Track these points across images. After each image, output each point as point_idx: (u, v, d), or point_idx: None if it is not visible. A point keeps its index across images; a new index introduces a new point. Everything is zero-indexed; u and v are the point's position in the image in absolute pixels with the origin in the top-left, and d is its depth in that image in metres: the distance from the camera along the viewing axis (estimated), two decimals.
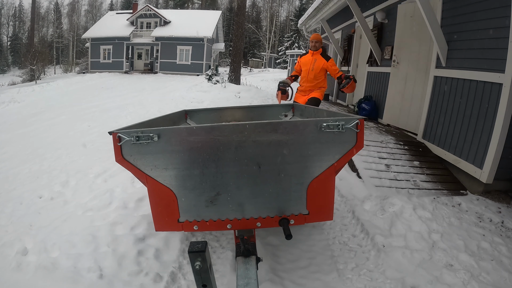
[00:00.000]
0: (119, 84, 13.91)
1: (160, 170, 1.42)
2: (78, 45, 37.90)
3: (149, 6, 23.36)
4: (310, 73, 3.71)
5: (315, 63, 3.66)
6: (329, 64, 3.66)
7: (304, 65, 3.76)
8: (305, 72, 3.74)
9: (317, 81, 3.72)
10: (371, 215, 2.35)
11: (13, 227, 2.17)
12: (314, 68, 3.67)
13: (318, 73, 3.68)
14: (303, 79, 3.79)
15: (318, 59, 3.67)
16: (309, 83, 3.74)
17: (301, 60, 3.85)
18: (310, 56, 3.75)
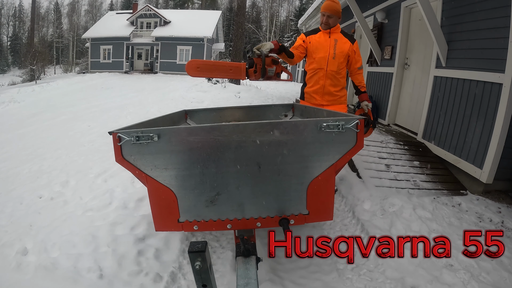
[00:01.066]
0: (119, 84, 13.91)
1: (160, 170, 1.42)
2: (78, 45, 37.89)
3: (149, 6, 23.36)
4: (332, 62, 2.40)
5: (337, 46, 2.40)
6: (355, 48, 2.45)
7: (319, 50, 2.42)
8: (321, 61, 2.41)
9: (340, 77, 2.47)
10: (371, 215, 2.35)
11: (13, 227, 2.17)
12: (337, 55, 2.39)
13: (341, 63, 2.43)
14: (316, 72, 2.46)
15: (340, 39, 2.42)
16: (329, 80, 2.43)
17: (312, 40, 2.46)
18: (327, 35, 2.42)
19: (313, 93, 2.52)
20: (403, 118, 4.52)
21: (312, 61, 2.47)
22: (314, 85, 2.49)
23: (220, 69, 2.29)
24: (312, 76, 2.49)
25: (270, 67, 2.22)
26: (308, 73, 2.54)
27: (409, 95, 4.37)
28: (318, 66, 2.43)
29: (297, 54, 2.44)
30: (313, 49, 2.44)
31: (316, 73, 2.45)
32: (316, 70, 2.45)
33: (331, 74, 2.42)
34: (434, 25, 3.21)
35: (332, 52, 2.39)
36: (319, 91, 2.48)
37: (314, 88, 2.50)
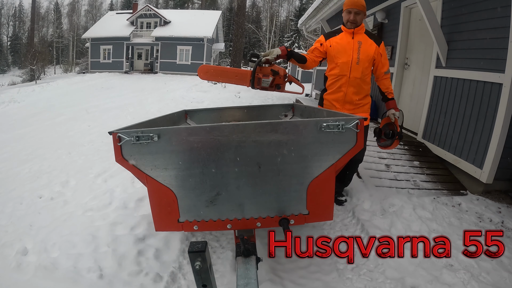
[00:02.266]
0: (119, 84, 13.91)
1: (160, 170, 1.42)
2: (78, 45, 37.90)
3: (149, 6, 23.36)
4: (355, 68, 2.18)
5: (361, 49, 2.17)
6: (381, 51, 2.23)
7: (341, 54, 2.20)
8: (344, 67, 2.20)
9: (364, 84, 2.25)
10: (371, 215, 2.35)
11: (13, 227, 2.17)
12: (362, 59, 2.18)
13: (366, 68, 2.21)
14: (337, 79, 2.24)
15: (365, 41, 2.20)
16: (352, 87, 2.22)
17: (333, 43, 2.23)
18: (350, 37, 2.20)
19: (333, 101, 2.30)
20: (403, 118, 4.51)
21: (334, 67, 2.24)
22: (335, 92, 2.26)
23: (228, 75, 2.38)
24: (333, 83, 2.27)
25: (266, 77, 2.15)
26: (329, 78, 2.31)
27: (409, 95, 4.37)
28: (340, 73, 2.20)
29: (311, 59, 2.26)
30: (334, 53, 2.21)
31: (338, 79, 2.23)
32: (338, 77, 2.23)
33: (355, 81, 2.19)
34: (434, 25, 3.21)
35: (356, 56, 2.15)
36: (340, 99, 2.26)
37: (335, 96, 2.27)
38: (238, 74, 2.32)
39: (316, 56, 2.29)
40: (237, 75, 2.31)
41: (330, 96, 2.33)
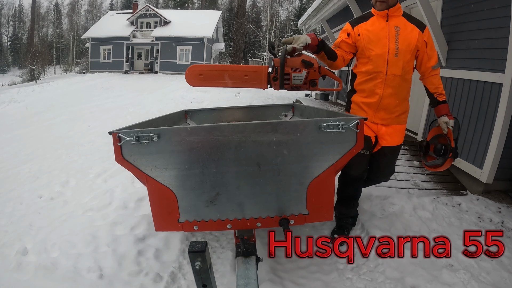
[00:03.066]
0: (119, 84, 13.91)
1: (160, 170, 1.42)
2: (78, 45, 37.90)
3: (149, 6, 23.37)
4: (394, 62, 1.71)
5: (399, 37, 1.70)
6: (426, 38, 1.74)
7: (374, 44, 1.73)
8: (378, 61, 1.73)
9: (406, 84, 1.80)
10: (371, 215, 2.35)
11: (13, 227, 2.17)
12: (402, 50, 1.70)
13: (408, 62, 1.74)
14: (370, 78, 1.78)
15: (404, 26, 1.72)
16: (390, 88, 1.75)
17: (362, 30, 1.77)
18: (383, 21, 1.72)
19: (364, 105, 1.83)
20: None
21: (365, 62, 1.76)
22: (368, 96, 1.79)
23: (232, 75, 1.77)
24: (364, 82, 1.80)
25: (297, 71, 1.65)
26: (358, 77, 1.83)
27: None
28: (374, 69, 1.73)
29: (341, 55, 1.78)
30: (365, 44, 1.73)
31: (371, 78, 1.75)
32: (370, 75, 1.75)
33: (394, 80, 1.71)
34: (434, 25, 3.21)
35: (393, 46, 1.66)
36: (373, 104, 1.79)
37: (368, 101, 1.80)
38: (249, 72, 1.75)
39: (345, 52, 1.80)
40: (247, 75, 1.75)
41: (360, 99, 1.85)
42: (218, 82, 1.79)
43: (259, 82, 1.76)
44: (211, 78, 1.79)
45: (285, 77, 1.69)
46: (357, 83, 1.86)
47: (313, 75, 1.72)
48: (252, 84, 1.77)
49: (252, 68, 1.80)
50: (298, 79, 1.71)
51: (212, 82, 1.79)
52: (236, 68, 1.83)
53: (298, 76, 1.70)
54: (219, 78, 1.78)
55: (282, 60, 1.65)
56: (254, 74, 1.76)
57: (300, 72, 1.69)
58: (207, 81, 1.79)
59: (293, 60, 1.70)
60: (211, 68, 1.89)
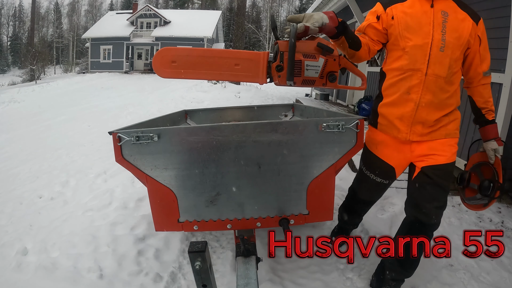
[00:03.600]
0: (119, 84, 13.91)
1: (160, 170, 1.42)
2: (78, 45, 37.90)
3: (149, 6, 23.38)
4: (438, 57, 1.27)
5: (447, 25, 1.26)
6: (480, 33, 1.31)
7: (413, 31, 1.29)
8: (417, 54, 1.29)
9: (452, 88, 1.33)
10: (371, 215, 2.35)
11: (13, 227, 2.17)
12: (449, 43, 1.26)
13: (456, 59, 1.30)
14: (404, 77, 1.33)
15: (453, 12, 1.28)
16: (430, 94, 1.30)
17: (398, 14, 1.32)
18: (427, 4, 1.29)
19: (394, 118, 1.37)
20: None
21: (399, 55, 1.32)
22: (399, 102, 1.34)
23: (217, 63, 1.32)
24: (395, 84, 1.35)
25: (312, 58, 1.23)
26: (388, 76, 1.39)
27: None
28: (410, 65, 1.29)
29: (366, 44, 1.36)
30: (400, 30, 1.30)
31: (405, 78, 1.31)
32: (405, 73, 1.31)
33: (436, 83, 1.27)
34: None
35: (439, 36, 1.24)
36: (407, 115, 1.33)
37: (399, 110, 1.35)
38: (241, 60, 1.32)
39: (371, 41, 1.38)
40: (238, 63, 1.31)
41: (389, 109, 1.38)
42: (198, 73, 1.31)
43: (254, 74, 1.30)
44: (188, 66, 1.30)
45: (295, 67, 1.22)
46: (386, 85, 1.40)
47: (332, 66, 1.27)
48: (245, 76, 1.30)
49: (246, 54, 1.32)
50: (312, 69, 1.25)
51: (189, 72, 1.32)
52: (223, 53, 1.33)
53: (313, 66, 1.24)
54: (199, 67, 1.30)
55: (292, 43, 1.17)
56: (249, 63, 1.31)
57: (315, 59, 1.24)
58: (183, 70, 1.32)
59: (305, 43, 1.26)
60: (189, 52, 1.33)
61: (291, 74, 1.23)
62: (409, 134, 1.37)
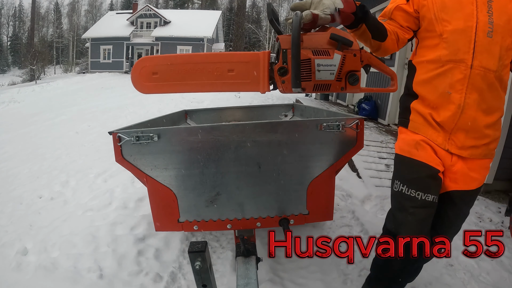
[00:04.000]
0: (119, 84, 13.90)
1: (160, 170, 1.42)
2: (78, 45, 37.91)
3: (149, 6, 23.38)
4: (486, 46, 0.98)
5: (493, 4, 0.98)
6: None
7: (453, 10, 1.00)
8: (458, 41, 0.99)
9: (502, 85, 1.04)
10: (371, 215, 2.35)
11: (13, 227, 2.17)
12: (498, 26, 0.98)
13: (508, 48, 1.00)
14: (444, 71, 1.03)
15: None
16: (476, 93, 1.01)
17: None
18: None
19: (433, 121, 1.09)
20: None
21: (435, 43, 1.06)
22: (438, 105, 1.07)
23: (206, 70, 1.06)
24: (432, 80, 1.07)
25: (324, 56, 0.97)
26: (420, 70, 1.11)
27: None
28: (451, 56, 1.02)
29: (393, 32, 1.11)
30: (435, 11, 1.04)
31: (445, 72, 1.04)
32: (444, 66, 1.04)
33: (485, 79, 1.01)
34: None
35: (485, 19, 0.99)
36: (447, 120, 1.06)
37: (440, 113, 1.07)
38: (237, 64, 1.06)
39: (400, 28, 1.11)
40: (232, 68, 1.06)
41: (426, 109, 1.10)
42: (184, 84, 1.06)
43: (253, 81, 1.04)
44: (172, 77, 1.05)
45: (302, 68, 0.95)
46: (418, 81, 1.09)
47: (353, 64, 0.99)
48: (241, 84, 1.04)
49: (241, 56, 1.05)
50: (327, 69, 0.97)
51: (173, 84, 1.07)
52: (213, 57, 1.08)
53: (327, 65, 0.96)
54: (185, 77, 1.05)
55: (296, 36, 0.90)
56: (246, 67, 1.04)
57: (329, 56, 0.96)
58: (166, 83, 1.07)
59: (314, 36, 0.99)
60: (172, 60, 1.08)
61: (297, 78, 0.94)
62: (447, 143, 1.08)
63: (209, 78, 1.07)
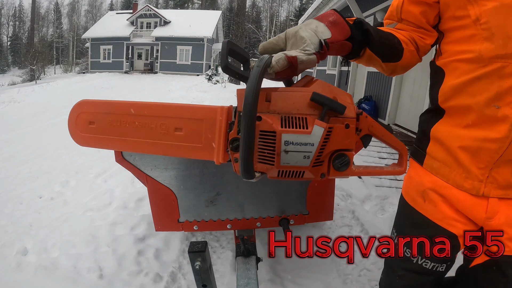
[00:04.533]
0: (119, 84, 13.92)
1: (160, 170, 1.42)
2: (78, 45, 37.92)
3: (149, 6, 23.38)
4: None
5: None
6: None
7: None
8: (507, 23, 0.58)
9: None
10: (371, 215, 2.35)
11: (13, 227, 2.17)
12: None
13: None
14: (490, 66, 0.62)
15: None
16: None
17: None
18: None
19: (460, 149, 0.70)
20: (403, 118, 4.52)
21: (470, 34, 0.66)
22: (480, 124, 0.67)
23: (149, 126, 0.80)
24: (469, 87, 0.67)
25: (296, 128, 0.63)
26: (451, 74, 0.71)
27: (409, 95, 4.37)
28: (498, 50, 0.61)
29: (409, 41, 0.78)
30: None
31: (489, 75, 0.63)
32: (487, 66, 0.63)
33: None
34: None
35: None
36: (495, 148, 0.65)
37: (483, 140, 0.66)
38: (186, 121, 0.77)
39: (415, 30, 0.78)
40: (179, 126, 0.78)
41: (455, 130, 0.72)
42: (123, 141, 0.84)
43: (207, 147, 0.77)
44: (110, 131, 0.85)
45: (262, 145, 0.66)
46: (447, 90, 0.73)
47: (341, 140, 0.68)
48: (190, 149, 0.78)
49: (194, 111, 0.77)
50: (299, 151, 0.66)
51: (111, 140, 0.85)
52: (160, 110, 0.80)
53: (300, 143, 0.64)
54: (125, 132, 0.83)
55: (251, 98, 0.57)
56: (197, 127, 0.76)
57: (305, 131, 0.63)
58: (103, 136, 0.86)
59: (289, 94, 0.66)
60: (110, 108, 0.87)
61: (246, 164, 0.61)
62: (485, 183, 0.70)
63: (152, 137, 0.80)
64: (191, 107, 0.79)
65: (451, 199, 0.75)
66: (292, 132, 0.63)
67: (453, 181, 0.74)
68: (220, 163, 0.78)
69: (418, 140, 0.87)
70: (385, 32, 0.76)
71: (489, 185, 0.70)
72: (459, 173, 0.72)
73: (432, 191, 0.78)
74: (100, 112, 0.88)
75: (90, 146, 0.92)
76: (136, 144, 0.83)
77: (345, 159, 0.69)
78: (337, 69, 7.93)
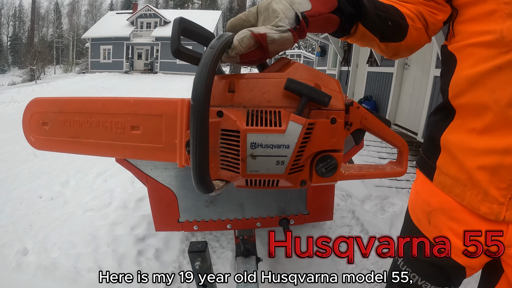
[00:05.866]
0: (119, 84, 13.92)
1: (160, 170, 1.42)
2: (78, 45, 37.93)
3: (149, 6, 23.39)
4: None
5: None
6: None
7: None
8: None
9: None
10: (371, 215, 2.35)
11: (13, 227, 2.17)
12: None
13: None
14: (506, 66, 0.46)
15: None
16: None
17: None
18: None
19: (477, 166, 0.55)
20: (403, 118, 4.52)
21: (489, 10, 0.51)
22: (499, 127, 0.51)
23: (103, 125, 0.67)
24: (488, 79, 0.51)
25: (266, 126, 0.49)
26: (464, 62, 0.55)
27: (409, 95, 4.37)
28: None
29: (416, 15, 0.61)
30: None
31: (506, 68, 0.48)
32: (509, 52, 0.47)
33: None
34: None
35: None
36: None
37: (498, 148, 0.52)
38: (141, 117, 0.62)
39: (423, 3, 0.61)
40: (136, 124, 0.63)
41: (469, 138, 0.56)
42: (77, 143, 0.75)
43: (168, 147, 0.61)
44: (63, 132, 0.74)
45: (224, 148, 0.52)
46: (459, 81, 0.56)
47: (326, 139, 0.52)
48: (150, 150, 0.64)
49: (151, 106, 0.63)
50: (270, 155, 0.50)
51: (65, 142, 0.76)
52: (114, 106, 0.67)
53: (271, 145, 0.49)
54: (79, 134, 0.72)
55: (203, 87, 0.42)
56: (156, 124, 0.62)
57: (278, 129, 0.49)
58: (57, 138, 0.77)
59: (258, 82, 0.51)
60: (62, 106, 0.74)
61: (199, 172, 0.46)
62: (507, 206, 0.58)
63: (108, 137, 0.68)
64: (147, 101, 0.64)
65: (465, 220, 0.66)
66: (260, 131, 0.49)
67: (467, 202, 0.62)
68: (183, 167, 0.62)
69: (426, 149, 0.70)
70: (385, 3, 0.60)
71: (510, 210, 0.58)
72: (474, 194, 0.59)
73: (440, 213, 0.67)
74: (52, 111, 0.77)
75: (46, 149, 0.82)
76: (91, 146, 0.73)
77: (331, 163, 0.54)
78: (337, 69, 7.94)
